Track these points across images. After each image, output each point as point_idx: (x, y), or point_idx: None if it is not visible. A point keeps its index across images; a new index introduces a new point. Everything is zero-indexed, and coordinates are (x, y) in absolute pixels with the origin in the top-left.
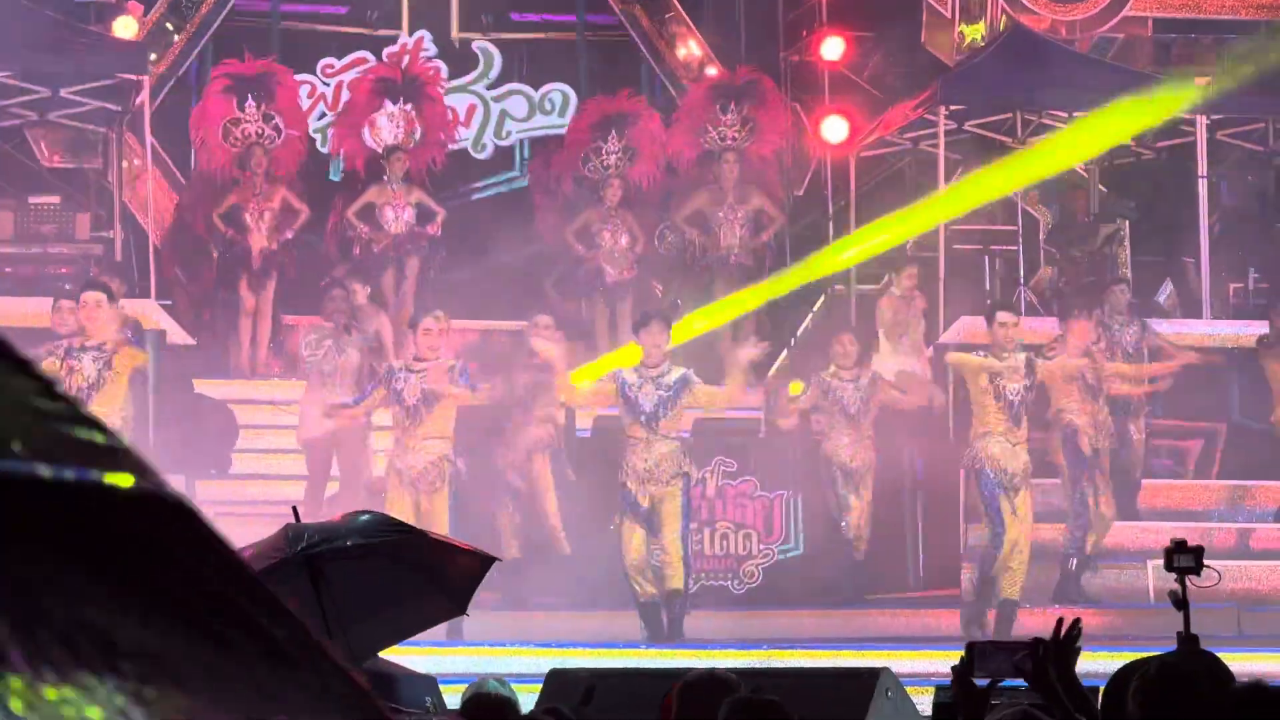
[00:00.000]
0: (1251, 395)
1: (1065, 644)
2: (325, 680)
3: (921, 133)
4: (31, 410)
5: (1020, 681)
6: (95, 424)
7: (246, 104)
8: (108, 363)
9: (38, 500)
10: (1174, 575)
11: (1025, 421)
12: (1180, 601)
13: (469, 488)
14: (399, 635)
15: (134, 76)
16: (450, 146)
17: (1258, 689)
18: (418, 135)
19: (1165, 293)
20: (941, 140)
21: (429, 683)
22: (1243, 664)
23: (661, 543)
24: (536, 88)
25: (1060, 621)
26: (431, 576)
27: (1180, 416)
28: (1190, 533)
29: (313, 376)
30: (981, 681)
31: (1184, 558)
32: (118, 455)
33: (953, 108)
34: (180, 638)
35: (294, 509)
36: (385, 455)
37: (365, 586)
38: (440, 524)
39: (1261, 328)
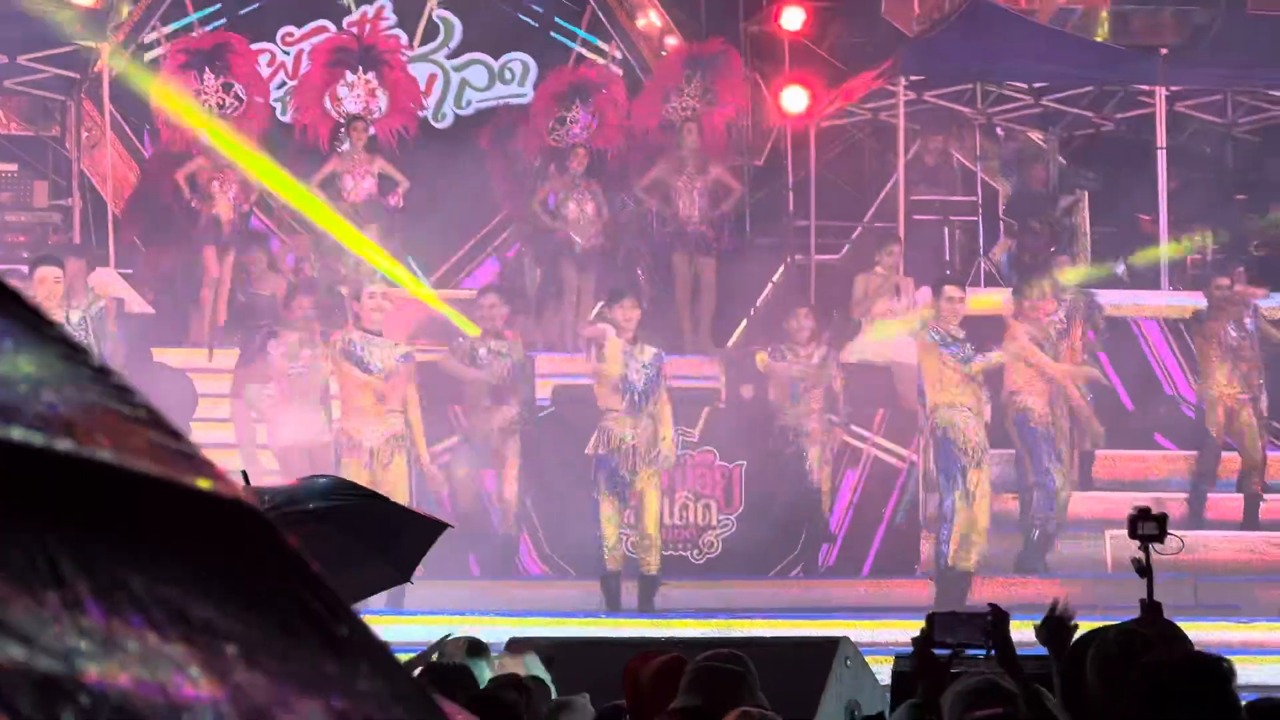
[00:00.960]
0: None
1: (1063, 621)
2: (389, 678)
3: (881, 103)
4: (119, 414)
5: (979, 651)
6: (175, 431)
7: (205, 76)
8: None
9: (127, 492)
10: (1138, 543)
11: (984, 393)
12: (1144, 569)
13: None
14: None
15: (92, 44)
16: (420, 114)
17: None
18: (382, 104)
19: (1123, 265)
20: (901, 110)
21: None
22: (1200, 633)
23: (641, 522)
24: (497, 57)
25: (1056, 602)
26: (379, 544)
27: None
28: (1146, 503)
29: (287, 386)
30: (942, 651)
31: (1148, 525)
32: (197, 460)
33: (913, 78)
34: (249, 623)
35: (243, 473)
36: (339, 426)
37: (312, 552)
38: (399, 497)
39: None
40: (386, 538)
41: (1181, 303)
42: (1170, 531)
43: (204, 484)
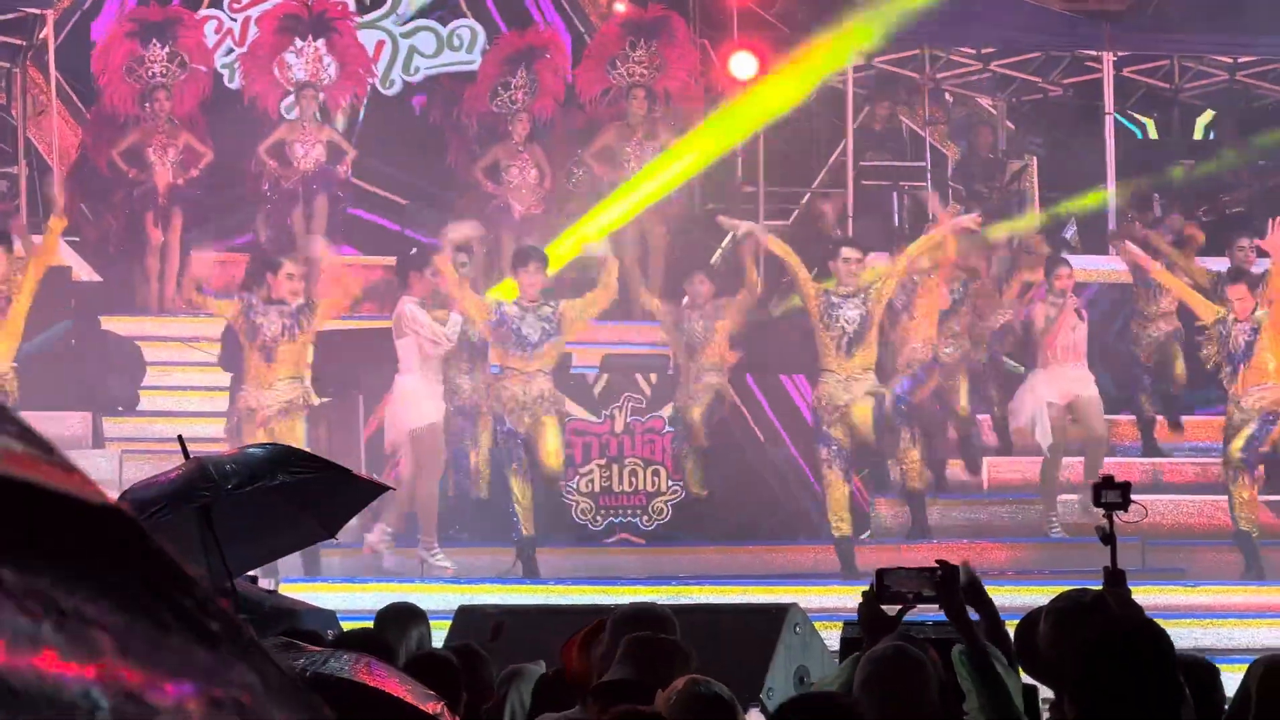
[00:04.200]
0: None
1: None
2: (261, 670)
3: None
4: None
5: (929, 617)
6: (47, 443)
7: (151, 44)
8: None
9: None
10: (1101, 510)
11: (863, 352)
12: (1107, 536)
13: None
14: (270, 556)
15: (37, 10)
16: (370, 81)
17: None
18: (331, 72)
19: (1071, 230)
20: (850, 76)
21: (329, 616)
22: (1147, 596)
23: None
24: (445, 24)
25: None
26: (308, 500)
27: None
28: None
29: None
30: (890, 607)
31: (1111, 493)
32: (69, 470)
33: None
34: (118, 615)
35: (179, 438)
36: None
37: (244, 511)
38: None
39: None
40: (320, 496)
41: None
42: (1134, 499)
43: (74, 490)
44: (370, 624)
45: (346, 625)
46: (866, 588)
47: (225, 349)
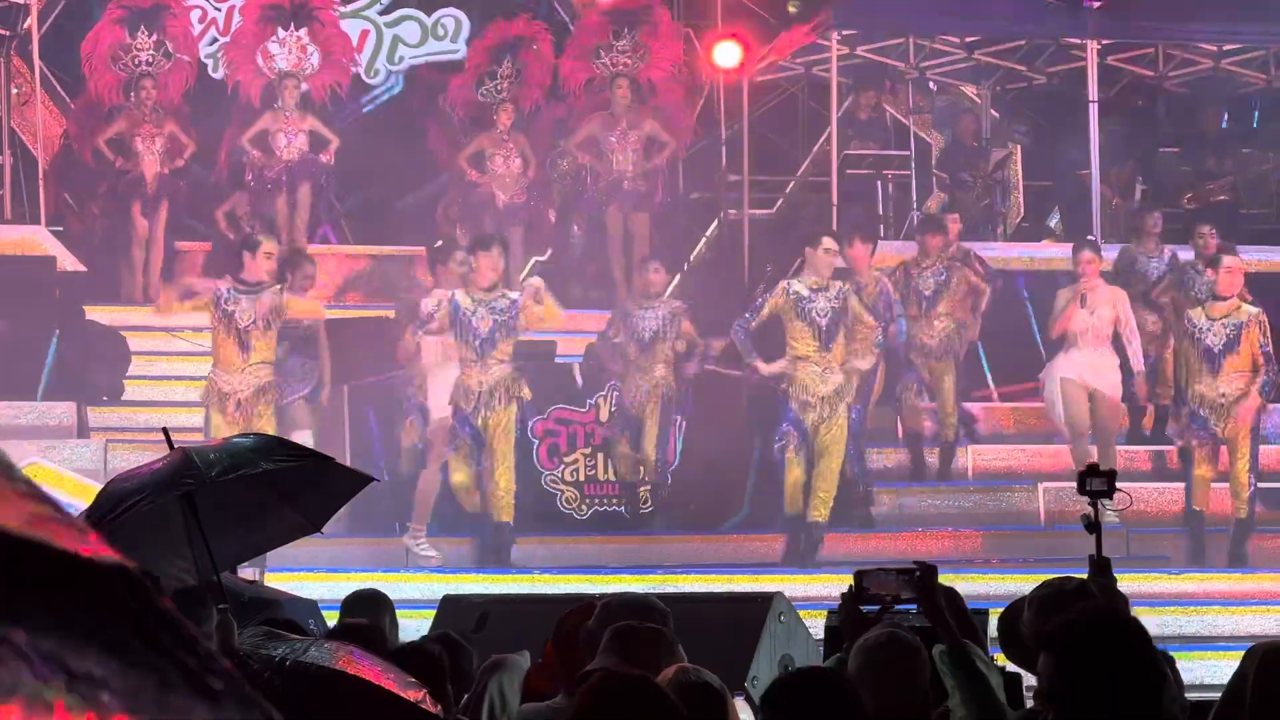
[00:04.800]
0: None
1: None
2: (246, 710)
3: (814, 57)
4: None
5: (908, 605)
6: (54, 502)
7: (139, 33)
8: None
9: (9, 557)
10: (1087, 499)
11: (840, 346)
12: (1093, 525)
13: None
14: (256, 550)
15: (21, 0)
16: (354, 70)
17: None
18: (314, 61)
19: (1055, 217)
20: (834, 65)
21: (310, 607)
22: (1131, 584)
23: (493, 473)
24: (429, 13)
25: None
26: (294, 491)
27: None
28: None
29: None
30: (870, 608)
31: (1096, 481)
32: (77, 529)
33: (845, 32)
34: (126, 675)
35: (164, 431)
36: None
37: (230, 503)
38: None
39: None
40: (305, 488)
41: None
42: (1119, 487)
43: (82, 550)
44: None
45: (329, 615)
46: (846, 589)
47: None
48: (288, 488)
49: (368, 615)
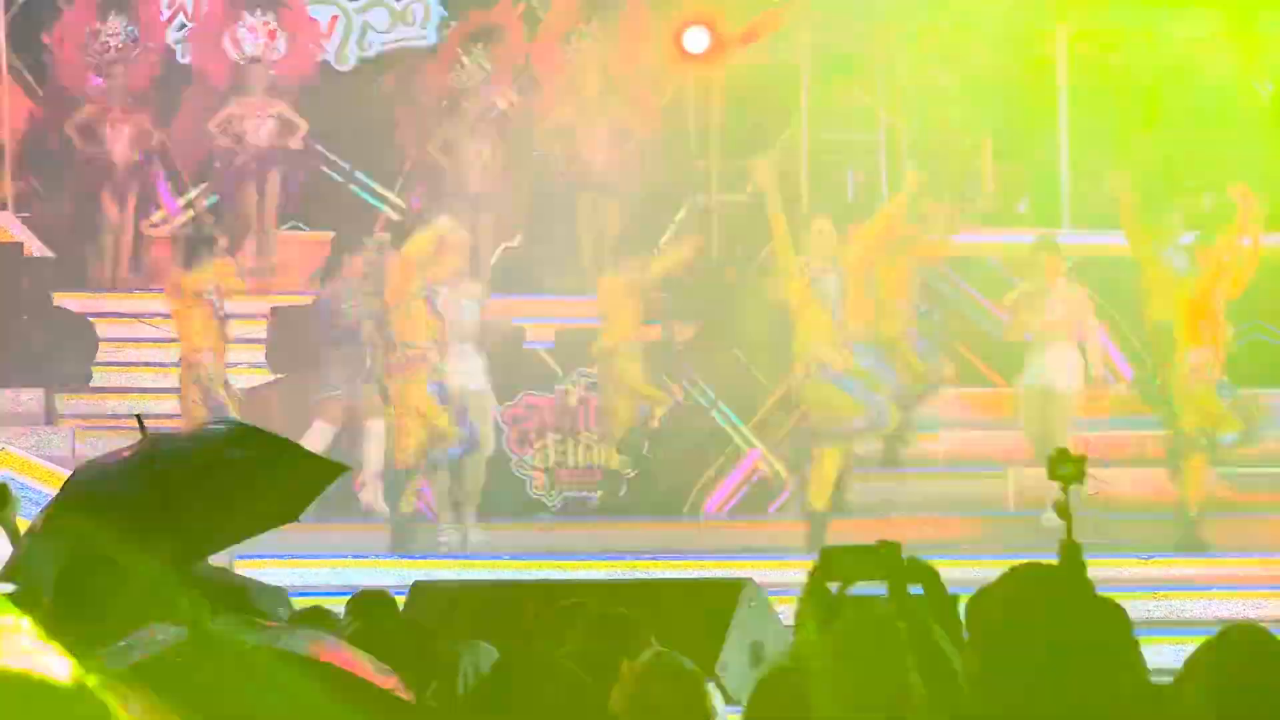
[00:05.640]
0: None
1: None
2: None
3: (784, 43)
4: None
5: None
6: None
7: (109, 18)
8: None
9: None
10: (1058, 484)
11: (847, 321)
12: (1063, 510)
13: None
14: (232, 539)
15: None
16: (320, 56)
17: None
18: (281, 47)
19: (1025, 203)
20: (805, 50)
21: (280, 594)
22: (1100, 569)
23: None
24: None
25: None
26: (267, 481)
27: None
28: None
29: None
30: (834, 587)
31: (1066, 467)
32: None
33: (815, 17)
34: None
35: (138, 418)
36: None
37: (201, 488)
38: None
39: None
40: (278, 477)
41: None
42: (1090, 473)
43: None
44: (328, 600)
45: (297, 602)
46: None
47: None
48: (261, 478)
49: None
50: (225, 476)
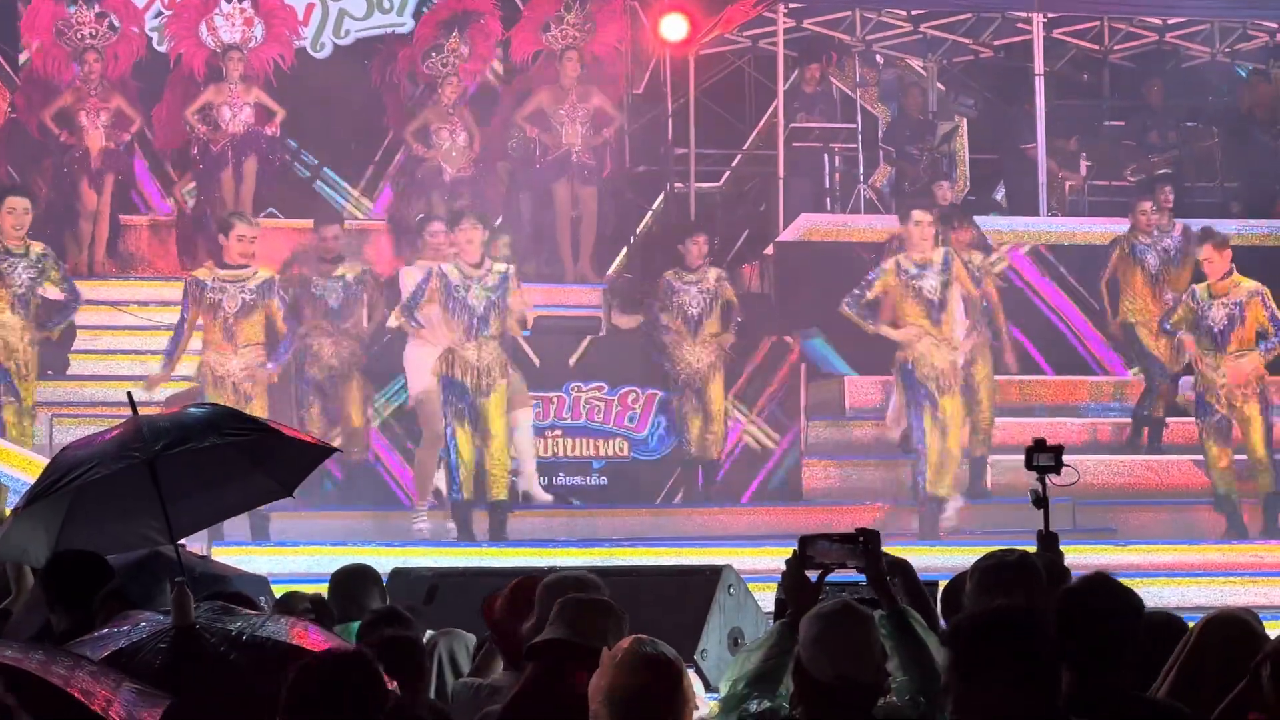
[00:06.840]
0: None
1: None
2: None
3: (761, 30)
4: None
5: (855, 576)
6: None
7: (78, 5)
8: None
9: None
10: (1035, 474)
11: (949, 321)
12: (1040, 499)
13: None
14: (222, 515)
15: None
16: (297, 43)
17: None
18: (258, 34)
19: (1001, 191)
20: (781, 38)
21: (261, 582)
22: (1077, 556)
23: (489, 448)
24: None
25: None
26: (257, 458)
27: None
28: (1038, 429)
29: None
30: (813, 575)
31: (1043, 456)
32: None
33: (792, 5)
34: None
35: (129, 394)
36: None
37: (193, 465)
38: None
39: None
40: (269, 454)
41: (1091, 228)
42: (1066, 462)
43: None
44: (308, 587)
45: (278, 589)
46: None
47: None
48: (255, 453)
49: (354, 590)
50: (209, 458)
